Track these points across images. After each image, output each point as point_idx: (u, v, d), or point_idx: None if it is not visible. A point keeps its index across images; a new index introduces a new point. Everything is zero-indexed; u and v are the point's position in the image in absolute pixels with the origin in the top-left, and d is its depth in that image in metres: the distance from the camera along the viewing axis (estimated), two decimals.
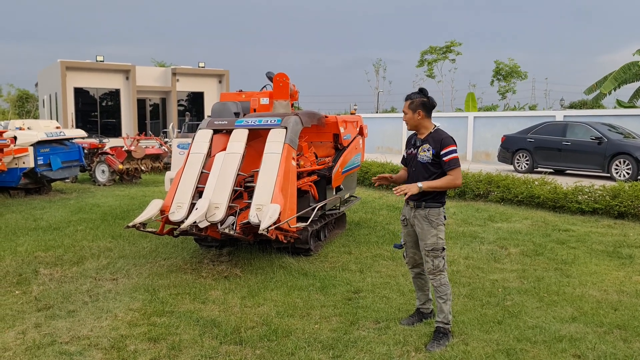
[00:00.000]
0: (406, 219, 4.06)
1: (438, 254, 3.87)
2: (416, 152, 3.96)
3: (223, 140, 6.14)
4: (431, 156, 3.86)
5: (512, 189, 9.68)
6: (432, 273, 3.90)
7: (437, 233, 3.87)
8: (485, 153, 19.17)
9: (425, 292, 4.22)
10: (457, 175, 3.81)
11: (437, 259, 3.88)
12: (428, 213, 3.89)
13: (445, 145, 3.83)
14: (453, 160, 3.81)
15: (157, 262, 5.96)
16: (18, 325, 4.19)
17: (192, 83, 24.83)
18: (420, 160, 3.91)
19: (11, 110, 38.74)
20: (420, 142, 3.97)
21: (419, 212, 3.92)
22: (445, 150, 3.82)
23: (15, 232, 7.51)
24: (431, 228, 3.88)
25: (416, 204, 3.92)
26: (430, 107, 3.94)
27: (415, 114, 3.93)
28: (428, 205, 3.88)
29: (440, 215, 3.91)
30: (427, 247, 3.88)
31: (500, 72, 38.99)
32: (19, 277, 5.38)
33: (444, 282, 3.89)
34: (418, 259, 4.09)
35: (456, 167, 3.81)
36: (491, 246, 6.69)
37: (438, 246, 3.87)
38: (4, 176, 10.39)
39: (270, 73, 7.06)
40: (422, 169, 3.90)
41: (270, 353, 3.70)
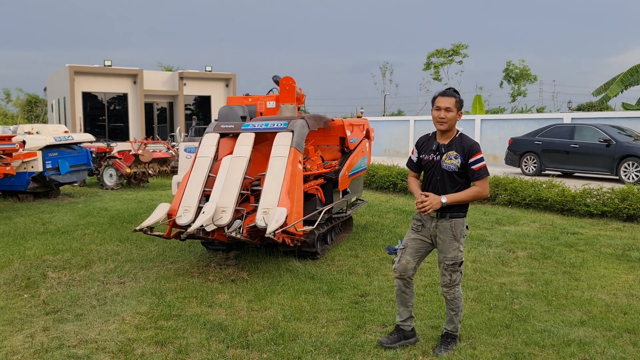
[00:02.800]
0: (423, 225, 3.73)
1: (457, 268, 3.64)
2: (439, 158, 3.63)
3: (230, 144, 6.16)
4: (459, 164, 3.57)
5: (519, 192, 9.64)
6: (448, 286, 3.68)
7: (459, 246, 3.63)
8: (492, 156, 19.11)
9: (409, 307, 3.85)
10: (485, 186, 3.57)
11: (455, 273, 3.65)
12: (453, 225, 3.61)
13: (474, 152, 3.57)
14: (483, 169, 3.56)
15: (165, 265, 5.97)
16: (26, 328, 4.21)
17: (199, 87, 24.92)
18: (447, 168, 3.60)
19: (20, 115, 39.07)
20: (445, 148, 3.63)
21: (442, 223, 3.63)
22: (474, 158, 3.55)
23: (24, 236, 7.56)
24: (454, 241, 3.61)
25: (440, 214, 3.61)
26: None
27: (457, 114, 3.62)
28: (453, 216, 3.61)
29: (464, 227, 3.67)
30: (447, 260, 3.63)
31: (510, 74, 38.86)
32: (28, 281, 5.41)
33: (458, 295, 3.72)
34: (410, 268, 3.74)
35: (485, 176, 3.57)
36: (499, 249, 6.66)
37: (458, 260, 3.63)
38: (13, 180, 10.46)
39: (276, 77, 7.08)
40: (448, 178, 3.60)
41: (277, 357, 3.70)
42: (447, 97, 3.59)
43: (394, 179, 11.91)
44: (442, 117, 3.57)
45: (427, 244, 3.74)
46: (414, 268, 3.75)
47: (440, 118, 3.58)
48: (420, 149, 3.82)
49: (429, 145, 3.73)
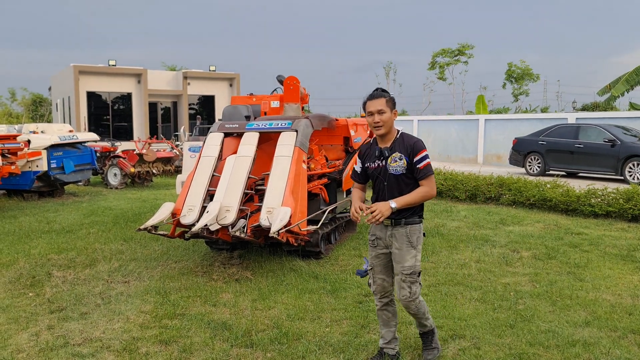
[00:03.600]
0: (378, 238, 3.48)
1: (416, 279, 3.36)
2: (385, 163, 3.38)
3: (234, 144, 6.16)
4: (405, 165, 3.33)
5: (523, 192, 9.61)
6: (409, 301, 3.37)
7: (416, 254, 3.37)
8: (496, 156, 19.07)
9: (392, 328, 3.60)
10: (432, 185, 3.34)
11: (414, 284, 3.36)
12: (409, 231, 3.37)
13: (417, 150, 3.33)
14: (428, 166, 3.33)
15: (169, 264, 5.98)
16: (32, 326, 4.23)
17: (203, 86, 24.97)
18: (394, 172, 3.35)
19: (25, 114, 39.21)
20: (388, 152, 3.39)
21: (397, 230, 3.38)
22: (418, 156, 3.32)
23: (29, 235, 7.59)
24: (411, 248, 3.36)
25: (394, 221, 3.37)
26: None
27: (392, 114, 3.37)
28: (409, 222, 3.37)
29: (421, 233, 3.44)
30: (405, 270, 3.34)
31: (513, 75, 38.79)
32: (33, 279, 5.43)
33: (421, 307, 3.46)
34: (388, 285, 3.53)
35: (431, 174, 3.34)
36: (503, 249, 6.64)
37: (416, 269, 3.36)
38: (18, 179, 10.51)
39: (280, 76, 7.09)
40: (396, 182, 3.36)
41: (281, 356, 3.70)
42: (376, 99, 3.36)
43: None
44: (376, 122, 3.34)
45: (387, 254, 3.48)
46: (392, 282, 3.52)
47: (375, 123, 3.35)
48: (363, 158, 3.56)
49: (372, 152, 3.48)
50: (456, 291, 5.06)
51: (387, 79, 45.20)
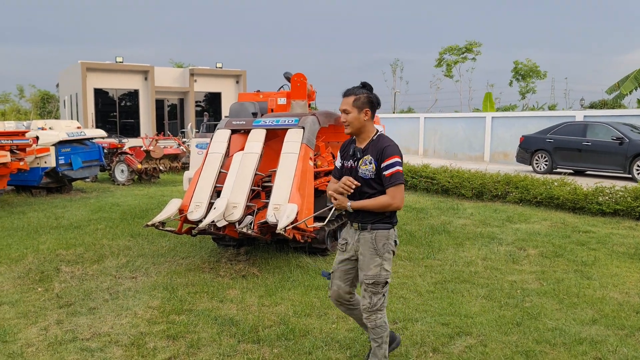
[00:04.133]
0: (347, 243, 3.29)
1: (378, 290, 3.14)
2: (356, 165, 3.19)
3: (241, 140, 6.18)
4: (374, 170, 3.10)
5: (530, 190, 9.58)
6: (368, 312, 3.17)
7: (381, 263, 3.13)
8: (503, 153, 19.00)
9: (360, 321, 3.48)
10: (396, 195, 3.05)
11: (376, 295, 3.15)
12: (375, 237, 3.14)
13: (387, 155, 3.08)
14: (395, 175, 3.05)
15: (176, 260, 6.02)
16: (40, 321, 4.26)
17: (210, 83, 25.01)
18: (363, 175, 3.14)
19: (33, 111, 39.43)
20: (360, 153, 3.19)
21: (364, 235, 3.17)
22: (386, 162, 3.07)
23: (37, 231, 7.64)
24: (375, 256, 3.13)
25: (361, 226, 3.18)
26: (377, 107, 3.23)
27: (361, 114, 3.15)
28: (375, 227, 3.14)
29: (390, 240, 3.17)
30: (366, 279, 3.14)
31: (519, 72, 38.62)
32: (41, 275, 5.48)
33: (381, 324, 3.20)
34: (343, 293, 3.34)
35: (397, 183, 3.06)
36: (510, 247, 6.63)
37: (380, 279, 3.13)
38: (27, 175, 10.58)
39: (287, 73, 7.09)
40: (365, 186, 3.15)
41: (288, 352, 3.72)
42: (345, 97, 3.19)
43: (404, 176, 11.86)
44: (344, 121, 3.20)
45: (353, 261, 3.29)
46: (349, 292, 3.35)
47: (343, 121, 3.22)
48: (342, 154, 3.37)
49: (348, 150, 3.30)
50: (463, 289, 5.05)
51: (393, 77, 45.11)
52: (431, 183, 11.21)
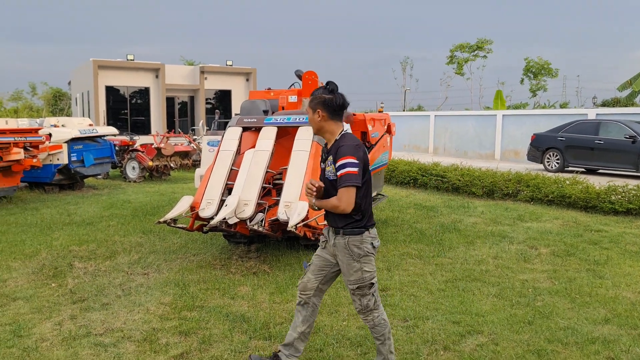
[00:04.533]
0: (326, 241, 3.25)
1: (365, 292, 3.12)
2: (324, 165, 3.17)
3: (252, 138, 6.20)
4: (334, 170, 3.03)
5: (542, 188, 9.53)
6: (362, 313, 3.19)
7: (361, 267, 3.08)
8: (514, 151, 18.89)
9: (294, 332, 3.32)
10: (345, 199, 2.95)
11: (365, 297, 3.13)
12: (348, 242, 3.08)
13: (340, 155, 2.98)
14: (345, 176, 2.94)
15: (187, 257, 6.05)
16: (55, 316, 4.31)
17: (220, 81, 25.08)
18: (327, 177, 3.10)
19: (45, 108, 39.75)
20: (325, 154, 3.15)
21: (338, 240, 3.12)
22: (339, 163, 2.97)
23: (51, 227, 7.72)
24: (353, 262, 3.08)
25: (334, 230, 3.15)
26: (335, 107, 3.10)
27: (314, 114, 3.11)
28: (347, 232, 3.08)
29: (365, 244, 3.09)
30: (350, 284, 3.13)
31: (530, 70, 38.37)
32: (55, 270, 5.53)
33: (379, 322, 3.18)
34: (311, 287, 3.29)
35: (346, 185, 2.94)
36: (521, 246, 6.60)
37: (364, 282, 3.10)
38: (40, 172, 10.68)
39: (299, 71, 7.10)
40: (330, 187, 3.09)
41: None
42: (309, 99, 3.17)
43: (414, 174, 11.86)
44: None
45: (331, 262, 3.24)
46: (316, 287, 3.28)
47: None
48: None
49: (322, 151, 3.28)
50: (473, 287, 5.04)
51: (403, 74, 45.01)
52: (441, 181, 11.18)
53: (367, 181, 3.11)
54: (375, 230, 3.19)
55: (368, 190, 3.13)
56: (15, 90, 45.84)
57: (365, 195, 3.10)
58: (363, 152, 3.07)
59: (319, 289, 3.31)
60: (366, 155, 3.13)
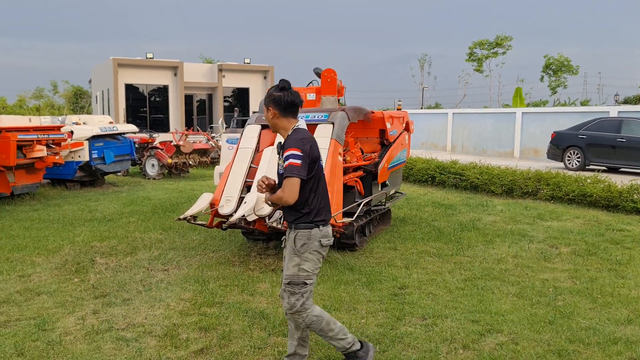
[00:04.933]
0: (285, 239, 3.27)
1: (295, 290, 3.08)
2: (279, 160, 3.21)
3: (271, 136, 6.23)
4: (282, 163, 3.09)
5: (562, 187, 9.41)
6: (289, 312, 3.13)
7: (299, 263, 3.07)
8: (534, 150, 18.68)
9: (293, 340, 3.31)
10: (288, 190, 2.97)
11: (293, 295, 3.08)
12: (296, 237, 3.10)
13: (287, 147, 3.04)
14: (289, 167, 2.97)
15: (207, 254, 6.11)
16: (77, 311, 4.39)
17: (238, 79, 25.21)
18: (279, 171, 3.16)
19: (66, 106, 40.33)
20: (279, 148, 3.20)
21: (290, 234, 3.16)
22: (286, 153, 3.02)
23: (73, 223, 7.85)
24: (293, 255, 3.08)
25: (289, 224, 3.18)
26: (286, 105, 3.13)
27: (268, 112, 3.18)
28: (297, 227, 3.11)
29: (311, 241, 3.08)
30: (284, 278, 3.13)
31: (550, 67, 37.88)
32: (77, 266, 5.63)
33: (310, 321, 3.14)
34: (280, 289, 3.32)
35: (289, 176, 2.97)
36: (541, 245, 6.54)
37: (298, 280, 3.07)
38: (61, 169, 10.86)
39: (318, 69, 7.11)
40: (282, 182, 3.11)
41: (318, 345, 3.75)
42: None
43: (432, 172, 11.80)
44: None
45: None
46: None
47: None
48: None
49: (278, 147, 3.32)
50: (493, 286, 5.01)
51: (421, 72, 44.74)
52: (460, 179, 11.11)
53: (317, 177, 3.15)
54: (328, 229, 3.17)
55: (318, 186, 3.16)
56: (36, 89, 46.63)
57: (313, 190, 3.13)
58: (310, 147, 3.08)
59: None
60: (316, 151, 3.14)
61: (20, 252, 6.14)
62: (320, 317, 3.17)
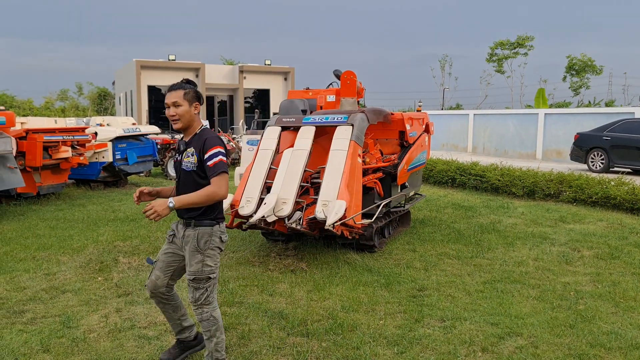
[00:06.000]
0: (174, 235, 3.34)
1: (200, 285, 3.19)
2: (181, 158, 3.24)
3: (291, 137, 6.28)
4: (196, 162, 3.15)
5: (585, 189, 9.28)
6: (194, 305, 3.24)
7: (203, 259, 3.17)
8: (556, 151, 18.43)
9: (178, 320, 3.52)
10: (221, 185, 3.07)
11: (198, 290, 3.20)
12: (198, 234, 3.18)
13: (208, 147, 3.12)
14: (218, 164, 3.09)
15: (227, 254, 6.18)
16: (101, 309, 4.49)
17: (259, 80, 25.37)
18: (185, 168, 3.19)
19: (91, 107, 40.99)
20: (184, 146, 3.25)
21: (188, 232, 3.21)
22: (209, 153, 3.10)
23: (96, 223, 8.00)
24: (197, 253, 3.18)
25: (186, 222, 3.23)
26: (201, 103, 3.31)
27: (192, 107, 3.20)
28: (197, 224, 3.19)
29: (213, 237, 3.20)
30: (188, 275, 3.21)
31: (573, 67, 37.31)
32: (101, 265, 5.74)
33: (207, 318, 3.24)
34: (161, 285, 3.38)
35: (221, 172, 3.08)
36: (562, 248, 6.46)
37: (202, 275, 3.17)
38: (86, 169, 11.07)
39: (337, 71, 7.14)
40: (188, 179, 3.20)
41: (336, 346, 3.78)
42: (174, 91, 3.21)
43: (452, 173, 11.74)
44: (172, 115, 3.19)
45: (180, 256, 3.34)
46: (167, 284, 3.39)
47: (171, 116, 3.20)
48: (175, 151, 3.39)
49: (179, 145, 3.34)
50: (513, 289, 4.98)
51: (442, 72, 44.42)
52: (480, 181, 11.03)
53: None
54: (224, 225, 3.31)
55: None
56: (61, 90, 47.51)
57: None
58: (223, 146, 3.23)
59: (169, 284, 3.42)
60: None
61: (46, 251, 6.29)
62: (217, 321, 3.28)
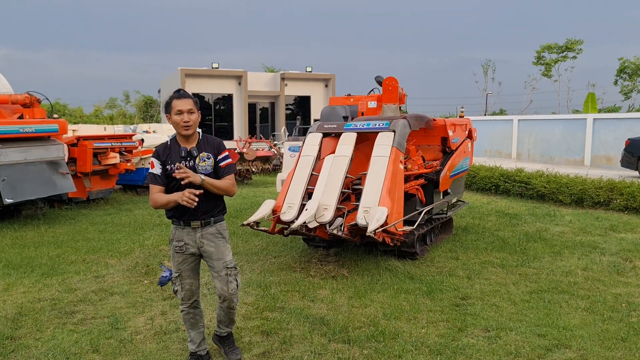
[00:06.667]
0: (186, 244, 3.47)
1: (236, 272, 3.53)
2: (194, 163, 3.37)
3: (332, 144, 6.29)
4: (212, 164, 3.41)
5: (637, 197, 8.93)
6: (233, 295, 3.50)
7: (230, 248, 3.55)
8: (606, 157, 17.80)
9: (200, 329, 3.68)
10: (234, 183, 3.48)
11: (238, 276, 3.53)
12: (219, 228, 3.49)
13: (222, 149, 3.47)
14: (230, 165, 3.46)
15: (268, 259, 6.24)
16: (147, 311, 4.60)
17: (300, 87, 25.58)
18: (203, 171, 3.37)
19: (137, 115, 42.21)
20: (196, 151, 3.39)
21: (208, 230, 3.45)
22: (222, 155, 3.44)
23: (142, 227, 8.22)
24: (226, 243, 3.51)
25: (204, 223, 3.44)
26: None
27: (193, 115, 3.36)
28: (217, 220, 3.49)
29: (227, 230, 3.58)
30: (228, 264, 3.47)
31: (625, 71, 36.01)
32: (147, 268, 5.89)
33: (237, 303, 3.61)
34: (195, 289, 3.60)
35: (233, 172, 3.49)
36: (613, 258, 6.23)
37: (234, 263, 3.53)
38: (133, 175, 11.41)
39: (379, 77, 7.13)
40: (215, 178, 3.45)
41: (378, 354, 3.75)
42: (185, 99, 3.33)
43: (496, 180, 11.50)
44: (186, 121, 3.30)
45: (196, 257, 3.54)
46: (199, 286, 3.64)
47: (184, 122, 3.30)
48: (164, 160, 3.40)
49: (174, 153, 3.39)
50: (561, 299, 4.83)
51: (485, 77, 43.69)
52: (525, 188, 10.77)
53: None
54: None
55: None
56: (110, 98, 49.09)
57: None
58: None
59: (199, 285, 3.68)
60: None
61: (95, 254, 6.51)
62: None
